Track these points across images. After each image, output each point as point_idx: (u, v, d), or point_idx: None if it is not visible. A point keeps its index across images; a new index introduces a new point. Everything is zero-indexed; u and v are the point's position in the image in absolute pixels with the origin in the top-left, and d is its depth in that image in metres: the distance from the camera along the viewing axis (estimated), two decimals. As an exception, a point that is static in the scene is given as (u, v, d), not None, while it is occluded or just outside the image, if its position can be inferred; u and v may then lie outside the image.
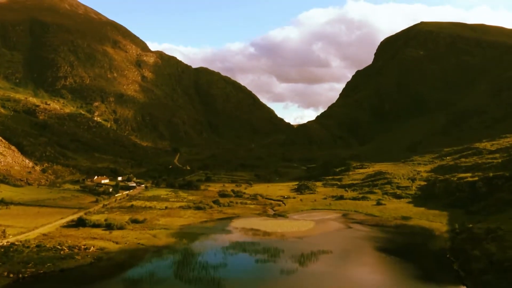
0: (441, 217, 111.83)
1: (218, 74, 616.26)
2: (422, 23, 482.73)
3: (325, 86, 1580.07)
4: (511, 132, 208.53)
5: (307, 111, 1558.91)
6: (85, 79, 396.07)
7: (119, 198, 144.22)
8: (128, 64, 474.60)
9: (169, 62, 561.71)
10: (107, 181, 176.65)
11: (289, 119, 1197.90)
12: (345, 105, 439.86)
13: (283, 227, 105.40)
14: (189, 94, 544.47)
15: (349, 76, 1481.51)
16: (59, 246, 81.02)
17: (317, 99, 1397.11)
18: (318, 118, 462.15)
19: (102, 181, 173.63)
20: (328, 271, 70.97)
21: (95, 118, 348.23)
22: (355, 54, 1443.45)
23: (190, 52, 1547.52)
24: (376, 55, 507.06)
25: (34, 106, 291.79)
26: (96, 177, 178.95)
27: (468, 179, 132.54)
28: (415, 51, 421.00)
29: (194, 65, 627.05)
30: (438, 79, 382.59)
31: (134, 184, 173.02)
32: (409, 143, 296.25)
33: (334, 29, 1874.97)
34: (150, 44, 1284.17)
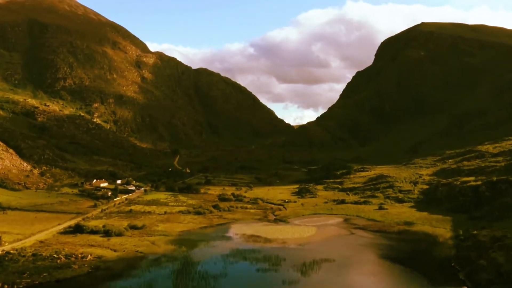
0: (445, 223, 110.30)
1: (218, 75, 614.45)
2: (423, 24, 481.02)
3: (325, 87, 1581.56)
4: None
5: (307, 112, 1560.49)
6: (85, 80, 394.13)
7: (118, 203, 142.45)
8: (128, 65, 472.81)
9: (169, 63, 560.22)
10: (106, 185, 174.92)
11: (289, 120, 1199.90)
12: (346, 106, 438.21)
13: (284, 233, 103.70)
14: (189, 95, 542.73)
15: (349, 77, 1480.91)
16: (56, 255, 79.26)
17: (317, 100, 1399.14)
18: (319, 119, 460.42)
19: (101, 185, 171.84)
20: (331, 281, 69.35)
21: (95, 120, 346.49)
22: (355, 55, 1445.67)
23: (190, 53, 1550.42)
24: (377, 56, 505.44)
25: (33, 108, 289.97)
26: (95, 181, 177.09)
27: (471, 183, 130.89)
28: (416, 52, 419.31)
29: (194, 66, 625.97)
30: (439, 80, 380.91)
31: (133, 188, 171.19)
32: (410, 145, 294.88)
33: (334, 30, 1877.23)
34: (150, 45, 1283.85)
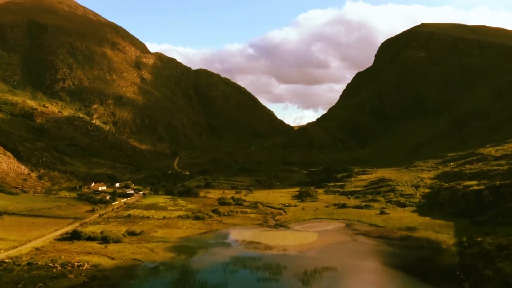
0: (447, 228, 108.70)
1: (218, 76, 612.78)
2: (423, 25, 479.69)
3: (325, 87, 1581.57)
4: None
5: (307, 112, 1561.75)
6: (84, 81, 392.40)
7: (116, 207, 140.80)
8: (127, 66, 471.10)
9: (169, 64, 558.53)
10: (105, 188, 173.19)
11: (289, 120, 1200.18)
12: (346, 107, 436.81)
13: (285, 240, 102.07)
14: (189, 96, 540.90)
15: (348, 77, 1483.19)
16: (51, 264, 77.67)
17: (317, 100, 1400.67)
18: (319, 120, 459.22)
19: (100, 188, 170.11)
20: (333, 292, 67.79)
21: (94, 121, 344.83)
22: (354, 55, 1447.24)
23: (189, 53, 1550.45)
24: (377, 57, 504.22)
25: (32, 110, 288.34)
26: (93, 184, 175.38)
27: (474, 188, 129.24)
28: (416, 53, 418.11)
29: (193, 66, 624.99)
30: (439, 81, 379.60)
31: (132, 191, 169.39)
32: (411, 146, 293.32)
33: (333, 30, 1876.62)
34: (150, 45, 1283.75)
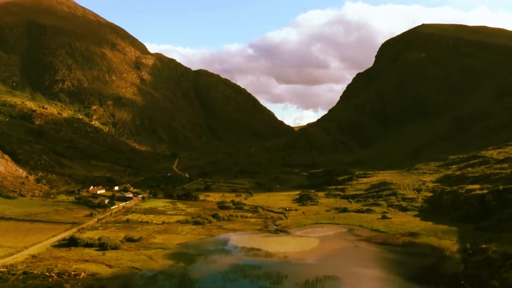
0: (450, 234, 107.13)
1: (218, 77, 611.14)
2: (423, 26, 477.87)
3: (324, 87, 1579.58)
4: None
5: (307, 112, 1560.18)
6: (83, 82, 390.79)
7: (115, 211, 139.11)
8: (127, 67, 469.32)
9: (168, 65, 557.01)
10: (103, 192, 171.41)
11: (289, 120, 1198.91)
12: (346, 108, 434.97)
13: (286, 246, 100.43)
14: (189, 97, 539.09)
15: (348, 77, 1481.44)
16: (47, 273, 76.03)
17: (316, 100, 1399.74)
18: (319, 122, 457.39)
19: (98, 192, 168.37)
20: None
21: (93, 122, 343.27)
22: (354, 55, 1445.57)
23: (189, 53, 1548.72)
24: (377, 58, 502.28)
25: (31, 111, 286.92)
26: (92, 188, 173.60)
27: (477, 192, 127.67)
28: (417, 54, 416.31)
29: (193, 66, 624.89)
30: (440, 82, 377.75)
31: (131, 195, 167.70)
32: (412, 148, 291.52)
33: (333, 31, 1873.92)
34: (149, 45, 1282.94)
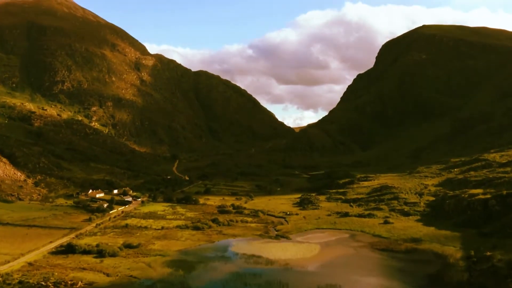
0: (454, 240, 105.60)
1: (218, 78, 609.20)
2: (424, 27, 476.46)
3: (324, 88, 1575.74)
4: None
5: (307, 113, 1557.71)
6: (83, 83, 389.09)
7: (114, 216, 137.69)
8: (127, 68, 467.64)
9: (168, 66, 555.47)
10: (102, 195, 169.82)
11: (289, 121, 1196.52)
12: (347, 110, 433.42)
13: (287, 253, 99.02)
14: (189, 98, 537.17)
15: (348, 78, 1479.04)
16: (44, 282, 74.67)
17: (316, 101, 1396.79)
18: (319, 123, 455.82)
19: (97, 195, 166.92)
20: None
21: (93, 124, 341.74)
22: (354, 56, 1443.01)
23: (189, 54, 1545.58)
24: (377, 59, 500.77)
25: (30, 113, 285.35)
26: (91, 191, 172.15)
27: (480, 197, 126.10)
28: (418, 55, 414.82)
29: (193, 67, 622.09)
30: (441, 84, 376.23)
31: (130, 199, 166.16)
32: (413, 150, 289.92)
33: (332, 31, 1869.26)
34: (149, 46, 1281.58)
